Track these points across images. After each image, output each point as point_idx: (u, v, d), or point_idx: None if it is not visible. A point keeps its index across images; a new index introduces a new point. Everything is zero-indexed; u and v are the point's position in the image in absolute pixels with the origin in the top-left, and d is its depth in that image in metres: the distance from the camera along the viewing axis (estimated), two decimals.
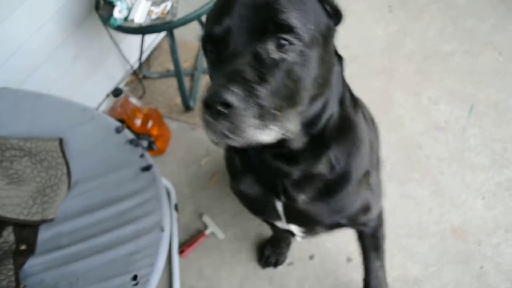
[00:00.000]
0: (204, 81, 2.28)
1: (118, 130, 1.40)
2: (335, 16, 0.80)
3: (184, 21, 1.72)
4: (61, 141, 1.39)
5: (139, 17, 1.75)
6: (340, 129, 0.90)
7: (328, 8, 0.78)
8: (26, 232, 1.30)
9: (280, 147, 0.82)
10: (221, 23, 0.71)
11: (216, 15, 0.73)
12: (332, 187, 0.95)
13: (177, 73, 1.95)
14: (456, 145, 1.90)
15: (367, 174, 1.02)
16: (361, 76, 2.19)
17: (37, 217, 1.31)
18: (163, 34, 2.47)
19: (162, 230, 1.19)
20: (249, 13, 0.70)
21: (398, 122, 2.00)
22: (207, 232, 1.75)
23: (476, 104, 2.02)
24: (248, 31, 0.69)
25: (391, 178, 1.79)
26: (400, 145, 1.91)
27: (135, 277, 1.13)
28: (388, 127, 1.95)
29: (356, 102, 0.97)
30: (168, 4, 1.76)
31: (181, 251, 1.71)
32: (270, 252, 1.63)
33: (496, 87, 2.08)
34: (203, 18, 2.05)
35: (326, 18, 0.78)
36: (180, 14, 1.72)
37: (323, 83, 0.78)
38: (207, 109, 0.63)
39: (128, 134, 1.39)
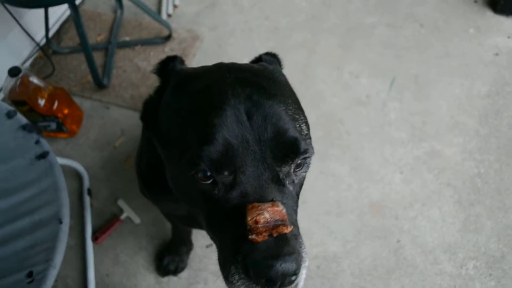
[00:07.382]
0: (119, 56, 2.14)
1: (9, 115, 1.26)
2: None
3: None
4: None
5: None
6: None
7: None
8: None
9: None
10: (230, 145, 0.66)
11: (217, 134, 0.66)
12: None
13: (85, 49, 1.79)
14: (377, 120, 1.90)
15: None
16: (281, 50, 2.12)
17: None
18: None
19: (60, 222, 1.10)
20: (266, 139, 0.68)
21: (319, 98, 1.97)
22: (123, 216, 1.66)
23: (397, 77, 2.03)
24: (266, 156, 0.67)
25: None
26: (320, 121, 1.89)
27: (30, 274, 1.04)
28: (309, 103, 1.91)
29: None
30: None
31: (95, 238, 1.61)
32: (169, 260, 1.56)
33: (417, 60, 2.09)
34: None
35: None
36: None
37: None
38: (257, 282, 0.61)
39: (21, 119, 1.26)
